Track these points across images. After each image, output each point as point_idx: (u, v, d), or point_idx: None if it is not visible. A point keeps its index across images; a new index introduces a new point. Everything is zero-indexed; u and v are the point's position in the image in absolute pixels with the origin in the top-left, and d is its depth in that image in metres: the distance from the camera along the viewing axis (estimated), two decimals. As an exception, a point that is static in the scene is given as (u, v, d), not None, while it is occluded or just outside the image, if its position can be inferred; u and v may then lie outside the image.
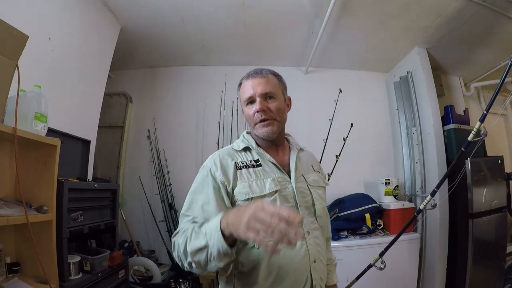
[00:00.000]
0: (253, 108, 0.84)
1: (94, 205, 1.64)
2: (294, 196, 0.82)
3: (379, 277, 1.86)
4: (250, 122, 0.87)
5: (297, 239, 0.53)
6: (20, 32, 1.05)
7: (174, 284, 2.26)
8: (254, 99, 0.83)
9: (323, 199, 0.91)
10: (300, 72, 3.02)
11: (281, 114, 0.86)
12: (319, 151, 2.27)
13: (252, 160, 0.85)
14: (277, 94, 0.86)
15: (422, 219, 2.41)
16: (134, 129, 2.94)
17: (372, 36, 2.48)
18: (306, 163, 0.95)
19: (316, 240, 0.83)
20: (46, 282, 1.14)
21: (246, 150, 0.89)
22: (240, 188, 0.79)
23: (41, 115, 1.20)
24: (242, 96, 0.87)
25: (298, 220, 0.53)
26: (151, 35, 2.47)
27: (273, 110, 0.84)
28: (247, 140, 0.90)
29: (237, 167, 0.83)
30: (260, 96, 0.83)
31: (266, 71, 0.87)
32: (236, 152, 0.88)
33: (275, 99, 0.85)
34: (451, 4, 2.02)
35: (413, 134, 2.63)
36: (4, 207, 1.06)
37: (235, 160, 0.84)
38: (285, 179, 0.84)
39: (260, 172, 0.83)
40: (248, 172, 0.82)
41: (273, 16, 2.20)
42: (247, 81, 0.86)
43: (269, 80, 0.85)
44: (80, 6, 1.86)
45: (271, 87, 0.85)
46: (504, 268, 2.33)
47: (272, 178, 0.82)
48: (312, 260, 0.79)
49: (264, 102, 0.83)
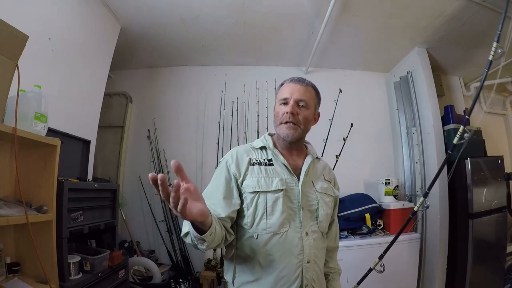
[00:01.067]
0: (285, 109, 0.90)
1: (94, 205, 1.64)
2: (298, 198, 0.87)
3: (379, 277, 1.86)
4: (277, 119, 0.92)
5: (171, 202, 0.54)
6: (20, 32, 1.05)
7: (174, 284, 2.26)
8: (289, 101, 0.89)
9: (329, 207, 0.93)
10: (300, 72, 3.02)
11: (306, 124, 0.92)
12: (319, 151, 2.27)
13: (266, 159, 0.92)
14: (310, 105, 0.92)
15: (420, 220, 2.41)
16: (134, 129, 2.94)
17: (372, 36, 2.48)
18: (318, 172, 0.98)
19: (314, 242, 0.85)
20: (46, 282, 1.14)
21: (263, 149, 0.95)
22: (248, 182, 0.86)
23: (41, 115, 1.20)
24: (279, 95, 0.94)
25: (152, 176, 0.52)
26: (151, 35, 2.47)
27: (301, 117, 0.89)
28: (266, 140, 0.96)
29: (251, 162, 0.90)
30: (295, 100, 0.89)
31: (308, 82, 0.95)
32: (253, 149, 0.95)
33: (307, 109, 0.91)
34: (451, 4, 2.02)
35: (413, 134, 2.63)
36: (4, 207, 1.06)
37: (250, 156, 0.91)
38: (293, 181, 0.88)
39: (271, 171, 0.89)
40: (259, 168, 0.89)
41: (273, 16, 2.20)
42: (289, 83, 0.93)
43: (308, 91, 0.92)
44: (80, 6, 1.86)
45: (307, 97, 0.91)
46: (504, 268, 2.33)
47: (281, 178, 0.87)
48: (306, 260, 0.82)
49: (296, 107, 0.89)
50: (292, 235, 0.83)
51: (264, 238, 0.82)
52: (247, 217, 0.84)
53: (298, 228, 0.84)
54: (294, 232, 0.83)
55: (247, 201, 0.85)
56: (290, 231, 0.83)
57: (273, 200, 0.84)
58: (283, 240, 0.82)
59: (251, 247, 0.83)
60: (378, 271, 1.75)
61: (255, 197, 0.84)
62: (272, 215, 0.83)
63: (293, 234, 0.83)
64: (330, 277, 1.00)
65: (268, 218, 0.83)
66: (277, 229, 0.82)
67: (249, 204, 0.84)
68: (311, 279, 0.84)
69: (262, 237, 0.82)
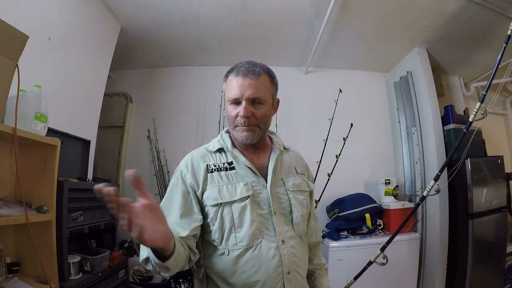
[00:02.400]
0: (237, 110, 0.76)
1: (94, 205, 1.63)
2: (268, 202, 0.77)
3: (379, 277, 1.87)
4: (231, 122, 0.79)
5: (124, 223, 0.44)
6: (20, 32, 1.05)
7: (174, 284, 2.26)
8: (240, 102, 0.75)
9: (303, 206, 0.83)
10: (300, 72, 3.02)
11: (266, 121, 0.79)
12: (319, 151, 2.27)
13: (225, 163, 0.80)
14: (266, 99, 0.77)
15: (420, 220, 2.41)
16: (134, 129, 2.93)
17: (372, 36, 2.48)
18: (288, 165, 0.87)
19: (292, 250, 0.76)
20: (46, 282, 1.14)
21: (221, 151, 0.83)
22: (209, 193, 0.75)
23: (41, 115, 1.20)
24: (227, 94, 0.78)
25: (99, 188, 0.43)
26: (151, 35, 2.47)
27: (257, 117, 0.76)
28: (223, 140, 0.84)
29: (209, 169, 0.78)
30: (247, 100, 0.74)
31: (259, 69, 0.77)
32: (209, 153, 0.83)
33: (263, 105, 0.77)
34: (451, 4, 2.02)
35: (413, 134, 2.63)
36: (4, 207, 1.06)
37: (207, 162, 0.80)
38: (260, 184, 0.78)
39: (233, 176, 0.78)
40: (219, 175, 0.77)
41: (273, 16, 2.20)
42: (236, 77, 0.77)
43: (261, 83, 0.76)
44: (80, 6, 1.86)
45: (261, 91, 0.76)
46: (504, 268, 2.33)
47: (245, 183, 0.76)
48: (286, 272, 0.73)
49: (250, 108, 0.75)
50: (267, 246, 0.73)
51: (235, 254, 0.72)
52: (214, 232, 0.74)
53: (272, 237, 0.74)
54: (269, 242, 0.73)
55: (210, 215, 0.74)
56: (264, 242, 0.73)
57: (240, 210, 0.73)
58: (258, 253, 0.72)
59: (223, 265, 0.73)
60: (380, 264, 1.71)
61: (219, 209, 0.73)
62: (241, 227, 0.72)
63: (268, 245, 0.73)
64: (316, 274, 0.93)
65: (237, 231, 0.72)
66: (249, 242, 0.72)
67: (214, 219, 0.74)
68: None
69: (233, 253, 0.72)
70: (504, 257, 2.34)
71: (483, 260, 2.21)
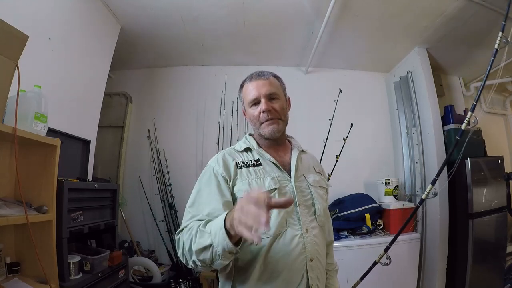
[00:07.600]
0: (258, 109, 0.87)
1: (94, 205, 1.64)
2: (293, 194, 0.84)
3: (379, 277, 1.87)
4: (255, 122, 0.89)
5: (263, 223, 0.49)
6: (20, 32, 1.05)
7: (174, 284, 2.26)
8: (259, 100, 0.87)
9: (324, 200, 0.91)
10: (300, 72, 3.02)
11: (284, 113, 0.91)
12: (319, 151, 2.27)
13: (252, 160, 0.88)
14: (280, 94, 0.90)
15: (420, 220, 2.41)
16: (134, 129, 2.93)
17: (372, 36, 2.48)
18: (307, 164, 0.96)
19: (315, 239, 0.82)
20: (46, 282, 1.14)
21: (247, 150, 0.92)
22: (239, 186, 0.82)
23: (41, 115, 1.20)
24: (246, 98, 0.90)
25: (263, 197, 0.51)
26: (151, 35, 2.47)
27: (277, 110, 0.87)
28: (248, 141, 0.93)
29: (238, 166, 0.85)
30: (265, 97, 0.86)
31: (267, 73, 0.91)
32: (237, 153, 0.91)
33: (279, 100, 0.89)
34: (451, 4, 2.02)
35: (413, 134, 2.63)
36: (4, 207, 1.06)
37: (236, 160, 0.87)
38: (285, 178, 0.86)
39: (260, 171, 0.85)
40: (248, 170, 0.85)
41: (273, 16, 2.20)
42: (250, 83, 0.89)
43: (272, 82, 0.89)
44: (80, 6, 1.86)
45: (274, 88, 0.88)
46: (504, 268, 2.33)
47: (272, 177, 0.84)
48: (309, 259, 0.79)
49: (269, 103, 0.87)
50: (291, 234, 0.79)
51: (264, 242, 0.77)
52: None
53: (297, 226, 0.80)
54: (294, 231, 0.80)
55: None
56: (289, 230, 0.79)
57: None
58: (283, 241, 0.78)
59: (252, 254, 0.78)
60: (383, 264, 1.74)
61: None
62: None
63: (293, 233, 0.79)
64: (327, 274, 0.97)
65: None
66: (276, 231, 0.78)
67: None
68: (316, 278, 0.80)
69: (262, 241, 0.76)
70: (504, 257, 2.34)
71: (483, 260, 2.21)
